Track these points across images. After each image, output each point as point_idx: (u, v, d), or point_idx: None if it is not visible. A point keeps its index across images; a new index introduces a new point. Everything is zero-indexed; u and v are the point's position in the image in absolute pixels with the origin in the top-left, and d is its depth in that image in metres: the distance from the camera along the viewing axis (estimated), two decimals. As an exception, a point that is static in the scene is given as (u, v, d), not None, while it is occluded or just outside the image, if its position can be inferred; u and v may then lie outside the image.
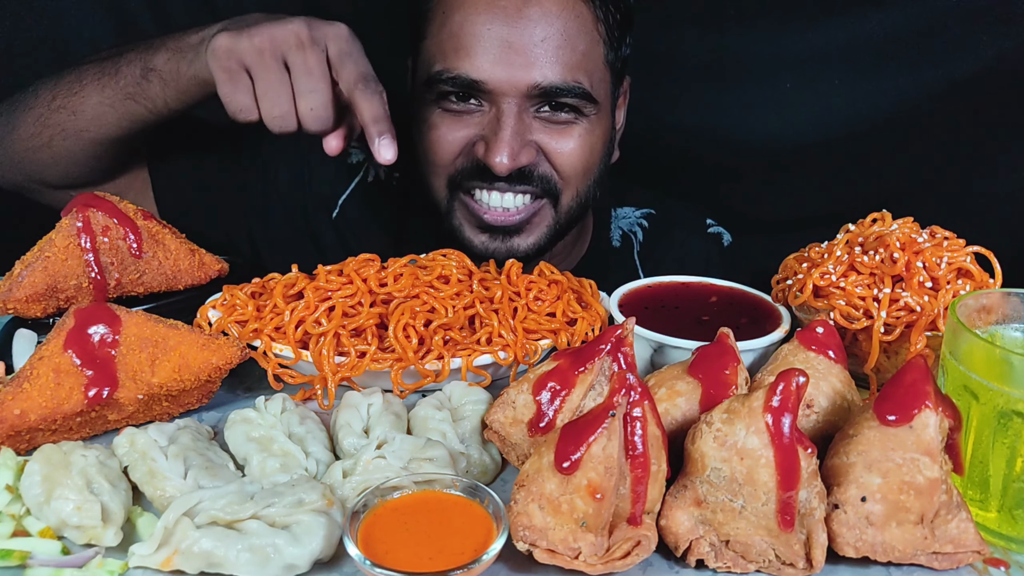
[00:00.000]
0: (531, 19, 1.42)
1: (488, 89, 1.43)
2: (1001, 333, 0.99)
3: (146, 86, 1.35)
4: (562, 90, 1.44)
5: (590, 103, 1.49)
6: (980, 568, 0.90)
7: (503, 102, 1.43)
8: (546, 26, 1.42)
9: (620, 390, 0.82)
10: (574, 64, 1.45)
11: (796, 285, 1.21)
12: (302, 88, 1.20)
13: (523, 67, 1.42)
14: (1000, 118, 1.96)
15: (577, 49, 1.46)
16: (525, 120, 1.46)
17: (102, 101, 1.38)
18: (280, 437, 1.01)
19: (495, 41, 1.41)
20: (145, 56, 1.35)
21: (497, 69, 1.42)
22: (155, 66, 1.33)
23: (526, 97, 1.44)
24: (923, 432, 0.85)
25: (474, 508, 0.86)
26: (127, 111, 1.38)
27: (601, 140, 1.56)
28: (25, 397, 0.98)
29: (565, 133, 1.50)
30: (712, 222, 1.90)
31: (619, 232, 1.84)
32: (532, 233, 1.55)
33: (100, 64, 1.40)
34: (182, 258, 1.23)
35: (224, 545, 0.83)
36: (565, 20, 1.44)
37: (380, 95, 1.22)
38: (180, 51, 1.31)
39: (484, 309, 1.21)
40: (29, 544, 0.87)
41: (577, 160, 1.51)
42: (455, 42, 1.44)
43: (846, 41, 1.98)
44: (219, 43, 1.21)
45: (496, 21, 1.42)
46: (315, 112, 1.21)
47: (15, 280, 1.12)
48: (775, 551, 0.86)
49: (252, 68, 1.20)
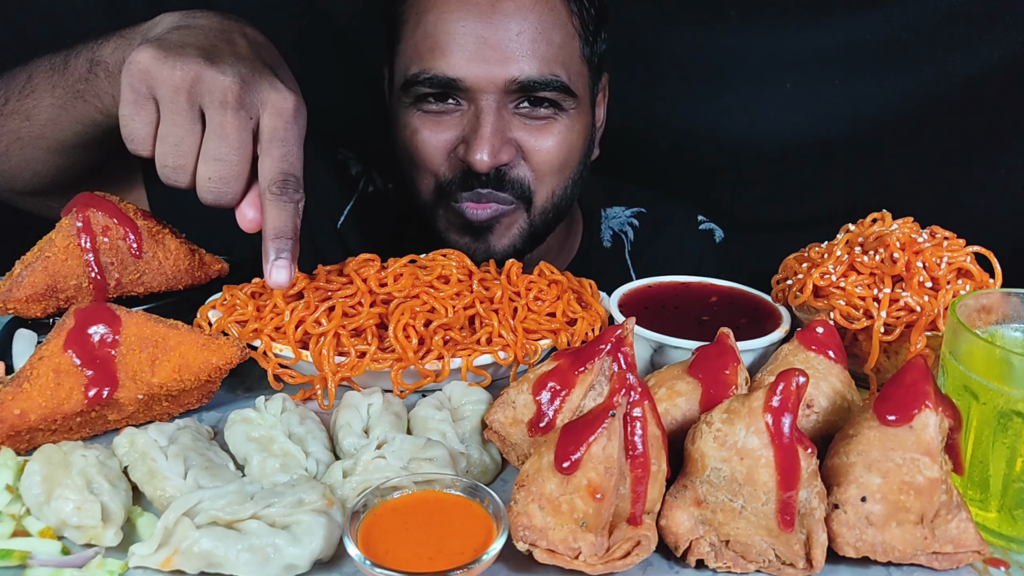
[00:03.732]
0: (505, 14, 1.41)
1: (466, 87, 1.42)
2: (1001, 333, 0.99)
3: (94, 81, 1.19)
4: (540, 84, 1.43)
5: (569, 96, 1.48)
6: (980, 568, 0.90)
7: (481, 99, 1.42)
8: (520, 20, 1.42)
9: (620, 390, 0.82)
10: (550, 57, 1.44)
11: (796, 285, 1.21)
12: (208, 152, 1.01)
13: (499, 62, 1.41)
14: (1000, 118, 1.97)
15: (553, 42, 1.45)
16: (504, 117, 1.45)
17: (53, 103, 1.24)
18: (280, 437, 1.01)
19: (470, 38, 1.40)
20: (92, 48, 1.19)
21: (473, 66, 1.41)
22: (101, 58, 1.17)
23: (504, 93, 1.43)
24: (923, 432, 0.85)
25: (474, 508, 0.86)
26: (78, 112, 1.23)
27: (581, 136, 1.55)
28: (25, 397, 0.98)
29: (544, 130, 1.49)
30: (703, 218, 1.90)
31: (610, 232, 1.83)
32: (504, 235, 1.54)
33: (51, 59, 1.25)
34: (182, 258, 1.23)
35: (224, 545, 0.83)
36: (539, 14, 1.43)
37: (295, 205, 1.02)
38: (130, 40, 1.15)
39: (484, 309, 1.21)
40: (29, 544, 0.86)
41: (557, 157, 1.50)
42: (430, 42, 1.43)
43: (846, 41, 1.98)
44: (138, 59, 1.00)
45: (470, 18, 1.41)
46: (212, 183, 1.01)
47: (15, 280, 1.12)
48: (775, 551, 0.86)
49: (161, 104, 1.01)
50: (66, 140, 1.28)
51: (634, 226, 1.84)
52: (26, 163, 1.32)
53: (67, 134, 1.27)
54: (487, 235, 1.53)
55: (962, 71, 1.94)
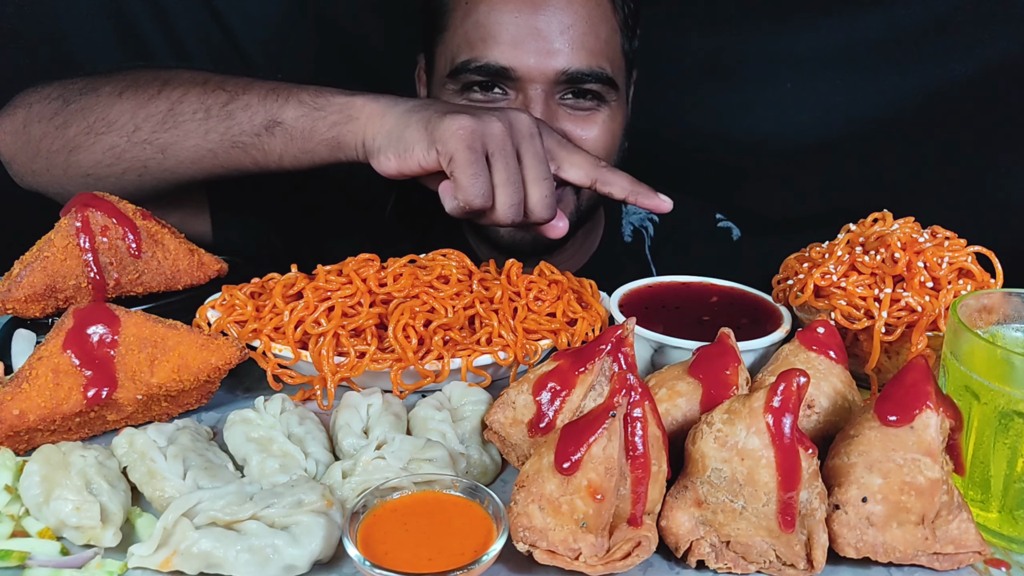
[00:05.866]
0: (556, 7, 1.45)
1: (516, 76, 1.45)
2: (1002, 333, 0.99)
3: (266, 139, 1.25)
4: (587, 76, 1.47)
5: (612, 89, 1.52)
6: (981, 569, 0.89)
7: (530, 89, 1.46)
8: (571, 13, 1.46)
9: (620, 390, 0.81)
10: (597, 51, 1.48)
11: (797, 285, 1.21)
12: (535, 176, 1.17)
13: (550, 54, 1.44)
14: (1000, 118, 1.97)
15: (600, 36, 1.49)
16: (551, 107, 1.49)
17: (202, 145, 1.27)
18: (279, 437, 1.01)
19: (522, 29, 1.44)
20: (268, 105, 1.25)
21: (525, 56, 1.44)
22: (283, 120, 1.24)
23: (552, 83, 1.47)
24: (924, 432, 0.84)
25: (474, 509, 0.85)
26: (232, 160, 1.28)
27: (620, 127, 1.60)
28: (24, 397, 0.98)
29: (589, 120, 1.53)
30: (721, 217, 1.91)
31: (630, 228, 1.85)
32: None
33: (200, 98, 1.28)
34: (181, 258, 1.22)
35: (223, 546, 0.82)
36: (588, 8, 1.48)
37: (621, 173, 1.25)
38: (318, 108, 1.23)
39: (484, 309, 1.20)
40: (28, 544, 0.86)
41: (600, 147, 1.54)
42: (481, 31, 1.46)
43: (846, 41, 1.99)
44: (463, 123, 1.14)
45: (523, 9, 1.44)
46: (547, 199, 1.19)
47: (14, 280, 1.12)
48: (776, 552, 0.85)
49: (495, 154, 1.15)
50: (197, 177, 1.31)
51: (654, 222, 1.86)
52: (137, 186, 1.34)
53: (203, 174, 1.31)
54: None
55: (962, 71, 1.94)
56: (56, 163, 1.36)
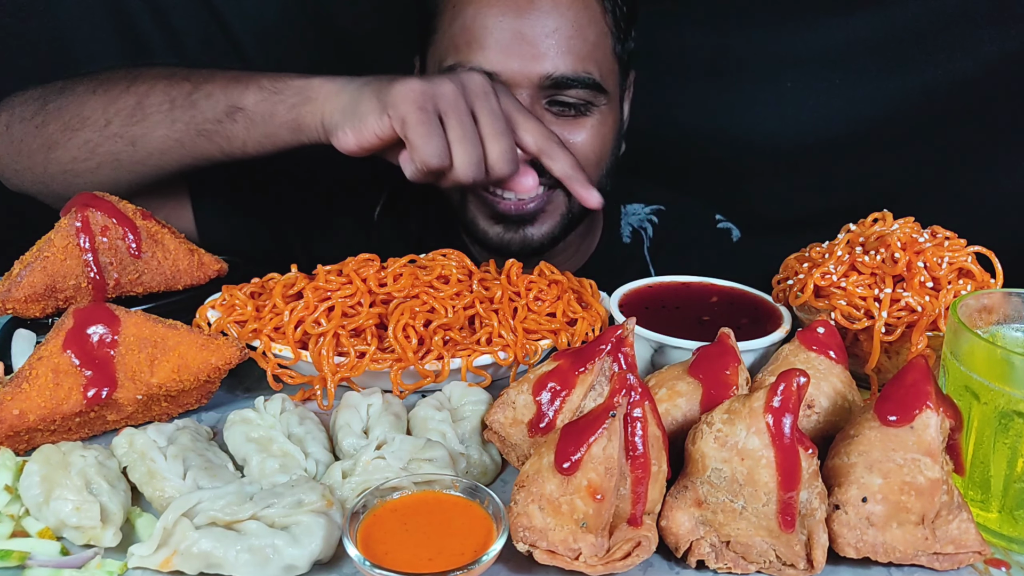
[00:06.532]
0: (542, 10, 1.44)
1: (501, 81, 1.44)
2: (1002, 333, 0.99)
3: (229, 125, 1.28)
4: (573, 81, 1.46)
5: (601, 93, 1.51)
6: (981, 569, 0.89)
7: (516, 93, 1.44)
8: (557, 17, 1.45)
9: (620, 390, 0.81)
10: (585, 55, 1.47)
11: (797, 285, 1.21)
12: (492, 131, 1.19)
13: (535, 58, 1.44)
14: (1001, 118, 1.97)
15: (588, 40, 1.48)
16: (537, 111, 1.47)
17: (169, 135, 1.31)
18: (279, 438, 1.01)
19: (507, 33, 1.43)
20: (230, 92, 1.28)
21: (510, 61, 1.43)
22: (244, 105, 1.27)
23: (538, 88, 1.46)
24: (924, 432, 0.84)
25: (474, 509, 0.85)
26: (198, 149, 1.31)
27: (611, 131, 1.59)
28: (24, 397, 0.98)
29: (577, 125, 1.52)
30: (721, 217, 1.91)
31: (629, 228, 1.85)
32: (545, 222, 1.56)
33: (166, 90, 1.31)
34: (181, 258, 1.23)
35: (223, 546, 0.82)
36: (576, 11, 1.46)
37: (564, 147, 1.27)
38: (277, 92, 1.26)
39: (484, 309, 1.20)
40: (28, 544, 0.86)
41: (589, 151, 1.53)
42: (467, 35, 1.45)
43: (847, 41, 1.98)
44: (412, 87, 1.16)
45: (508, 13, 1.44)
46: (507, 154, 1.20)
47: (14, 280, 1.12)
48: (776, 552, 0.85)
49: (447, 112, 1.17)
50: (168, 168, 1.35)
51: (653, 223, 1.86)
52: (113, 180, 1.37)
53: (174, 164, 1.34)
54: (527, 225, 1.55)
55: (962, 71, 1.94)
56: (36, 161, 1.40)
